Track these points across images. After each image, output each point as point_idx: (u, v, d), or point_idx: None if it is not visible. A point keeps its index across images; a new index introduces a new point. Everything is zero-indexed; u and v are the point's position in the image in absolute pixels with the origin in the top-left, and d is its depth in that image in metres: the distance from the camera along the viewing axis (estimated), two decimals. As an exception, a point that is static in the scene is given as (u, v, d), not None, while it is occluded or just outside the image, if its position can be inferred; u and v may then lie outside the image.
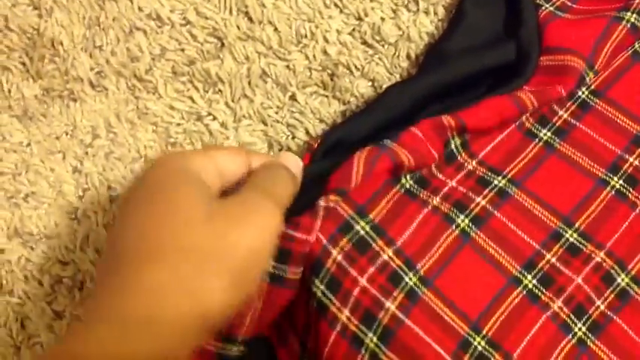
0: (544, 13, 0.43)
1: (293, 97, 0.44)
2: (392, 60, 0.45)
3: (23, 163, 0.43)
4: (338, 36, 0.45)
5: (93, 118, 0.44)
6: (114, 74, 0.44)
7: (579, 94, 0.42)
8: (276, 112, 0.44)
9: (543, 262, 0.38)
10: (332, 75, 0.44)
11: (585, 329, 0.37)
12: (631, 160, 0.41)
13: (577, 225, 0.39)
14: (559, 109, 0.42)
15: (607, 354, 0.37)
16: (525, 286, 0.37)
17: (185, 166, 0.31)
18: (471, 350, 0.35)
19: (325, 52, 0.45)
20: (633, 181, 0.40)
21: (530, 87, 0.42)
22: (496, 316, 0.36)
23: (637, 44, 0.43)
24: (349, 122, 0.42)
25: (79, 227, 0.42)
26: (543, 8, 0.44)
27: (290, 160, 0.36)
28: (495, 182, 0.39)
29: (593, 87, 0.42)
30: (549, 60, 0.42)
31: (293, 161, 0.36)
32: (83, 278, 0.41)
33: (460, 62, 0.42)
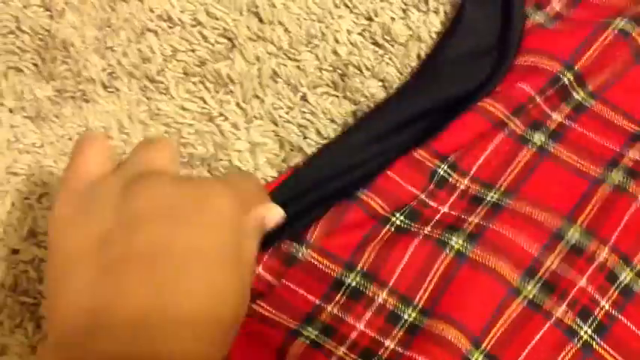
0: (532, 23, 0.43)
1: (304, 98, 0.44)
2: (402, 60, 0.45)
3: (37, 164, 0.43)
4: (348, 36, 0.45)
5: (105, 119, 0.44)
6: (126, 75, 0.45)
7: (574, 97, 0.41)
8: (287, 113, 0.44)
9: (545, 268, 0.38)
10: (342, 75, 0.44)
11: (591, 332, 0.37)
12: (630, 155, 0.40)
13: (579, 222, 0.39)
14: (552, 113, 0.41)
15: (612, 355, 0.37)
16: (525, 297, 0.37)
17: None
18: None
19: (336, 53, 0.45)
20: (633, 174, 0.40)
21: (497, 89, 0.41)
22: (495, 330, 0.36)
23: (631, 48, 0.43)
24: (325, 153, 0.42)
25: (93, 228, 0.42)
26: (534, 17, 0.43)
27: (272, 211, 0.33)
28: (488, 198, 0.39)
29: (590, 89, 0.42)
30: (522, 61, 0.42)
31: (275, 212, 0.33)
32: (97, 278, 0.41)
33: (443, 86, 0.42)
